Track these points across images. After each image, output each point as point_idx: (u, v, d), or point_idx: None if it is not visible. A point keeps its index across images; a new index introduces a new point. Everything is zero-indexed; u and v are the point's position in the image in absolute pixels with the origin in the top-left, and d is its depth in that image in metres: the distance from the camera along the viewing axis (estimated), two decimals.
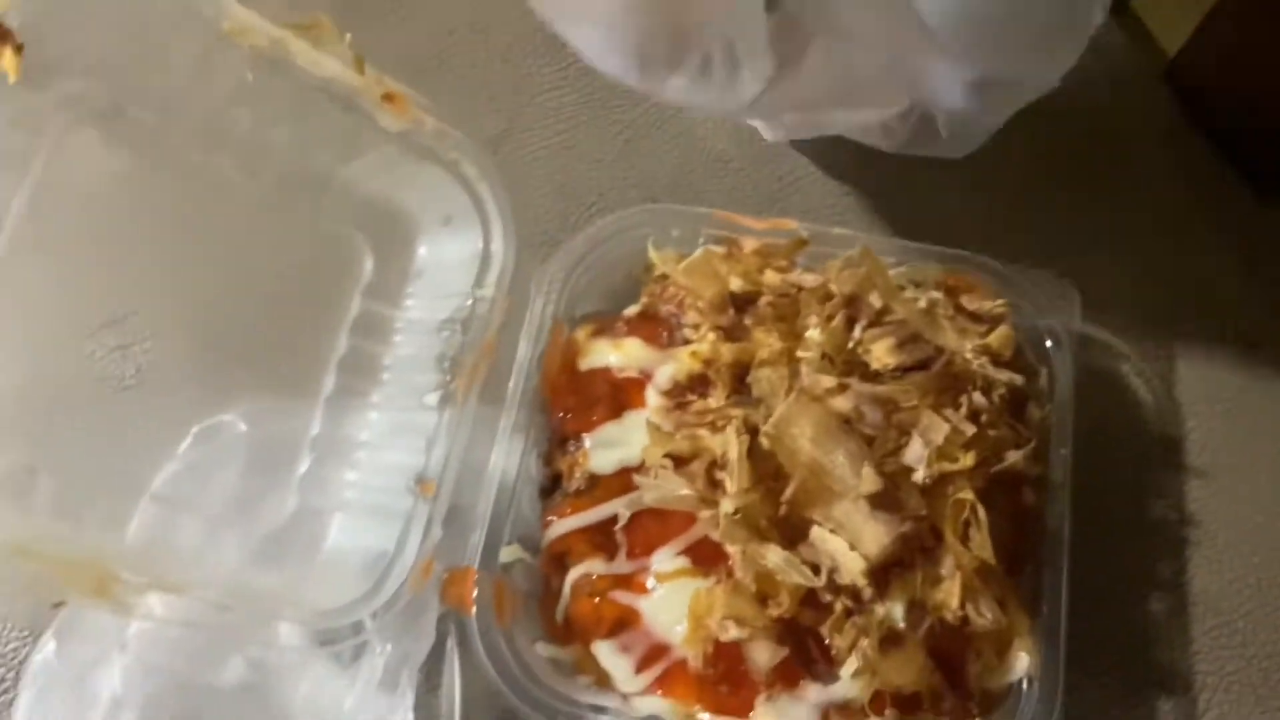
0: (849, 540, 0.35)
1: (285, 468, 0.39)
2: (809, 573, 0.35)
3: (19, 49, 0.30)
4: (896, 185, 0.47)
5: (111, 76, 0.33)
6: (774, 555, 0.35)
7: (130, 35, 0.33)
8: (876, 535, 0.35)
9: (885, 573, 0.36)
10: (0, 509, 0.30)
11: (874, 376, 0.37)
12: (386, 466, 0.39)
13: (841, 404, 0.36)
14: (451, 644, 0.40)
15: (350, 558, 0.37)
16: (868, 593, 0.35)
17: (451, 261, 0.42)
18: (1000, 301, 0.40)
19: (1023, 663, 0.36)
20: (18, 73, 0.30)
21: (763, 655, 0.35)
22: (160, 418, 0.38)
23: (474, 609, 0.37)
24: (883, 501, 0.35)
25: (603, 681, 0.37)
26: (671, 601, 0.37)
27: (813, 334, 0.38)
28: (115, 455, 0.36)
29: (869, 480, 0.35)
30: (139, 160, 0.35)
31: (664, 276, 0.42)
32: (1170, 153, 0.48)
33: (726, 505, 0.35)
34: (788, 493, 0.36)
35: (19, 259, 0.32)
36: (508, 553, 0.38)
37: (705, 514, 0.36)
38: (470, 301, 0.41)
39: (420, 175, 0.41)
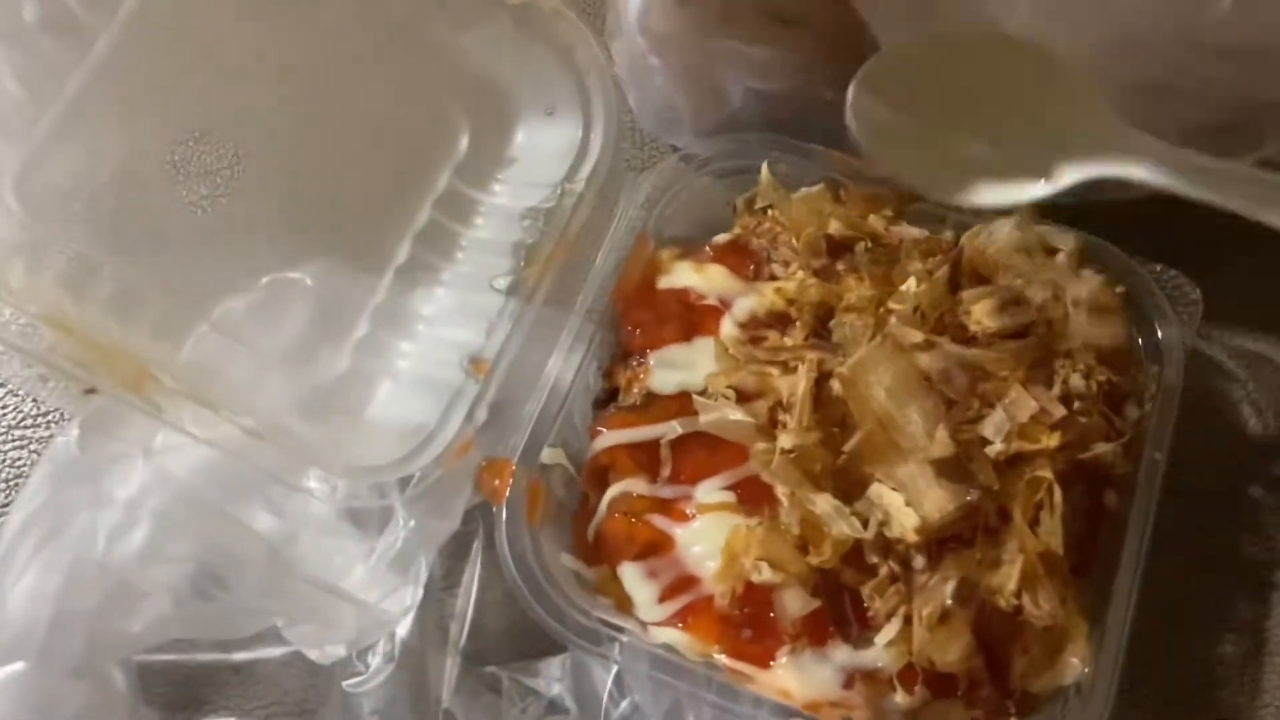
0: (908, 501, 0.33)
1: (344, 329, 0.40)
2: (858, 524, 0.33)
3: None
4: None
5: None
6: (824, 502, 0.34)
7: None
8: (939, 501, 0.33)
9: (941, 546, 0.34)
10: (53, 289, 0.31)
11: (967, 340, 0.36)
12: (444, 342, 0.40)
13: (927, 361, 0.35)
14: (477, 546, 0.40)
15: (392, 425, 0.38)
16: (919, 561, 0.34)
17: (547, 151, 0.42)
18: (1120, 288, 0.38)
19: (1074, 669, 0.34)
20: None
21: (793, 604, 0.34)
22: (232, 253, 0.39)
23: (505, 500, 0.36)
24: (951, 469, 0.34)
25: (623, 605, 0.37)
26: (709, 533, 0.36)
27: (910, 285, 0.37)
28: (182, 276, 0.37)
29: (941, 443, 0.33)
30: None
31: (762, 210, 0.41)
32: None
33: (784, 440, 0.34)
34: (851, 443, 0.35)
35: (124, 56, 0.33)
36: (549, 454, 0.38)
37: (760, 447, 0.35)
38: (559, 194, 0.41)
39: (530, 58, 0.41)
